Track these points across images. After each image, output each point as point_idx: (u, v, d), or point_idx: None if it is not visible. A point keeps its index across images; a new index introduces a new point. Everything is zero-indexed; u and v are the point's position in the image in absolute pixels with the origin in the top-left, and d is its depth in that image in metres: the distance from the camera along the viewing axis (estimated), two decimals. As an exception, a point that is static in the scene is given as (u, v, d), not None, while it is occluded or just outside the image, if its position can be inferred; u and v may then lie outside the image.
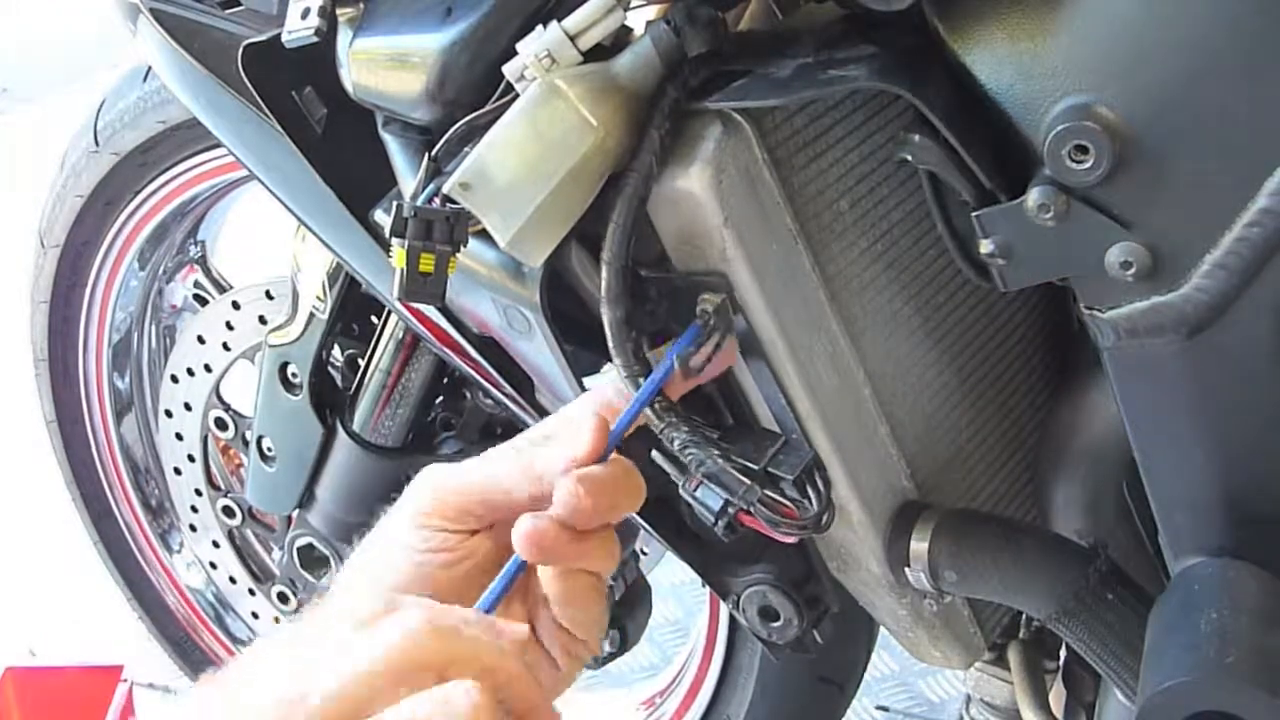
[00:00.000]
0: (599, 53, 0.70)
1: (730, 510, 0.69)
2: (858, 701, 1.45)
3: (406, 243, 0.70)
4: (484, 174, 0.69)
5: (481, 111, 0.71)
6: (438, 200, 0.71)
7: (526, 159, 0.68)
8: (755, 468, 0.69)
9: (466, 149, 0.70)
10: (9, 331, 1.72)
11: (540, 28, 0.69)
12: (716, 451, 0.69)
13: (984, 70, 0.65)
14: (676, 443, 0.69)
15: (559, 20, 0.69)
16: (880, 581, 0.84)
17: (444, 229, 0.71)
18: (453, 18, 0.72)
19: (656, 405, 0.71)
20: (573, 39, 0.68)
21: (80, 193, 1.38)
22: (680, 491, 0.72)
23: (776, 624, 0.86)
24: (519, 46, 0.69)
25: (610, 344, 0.71)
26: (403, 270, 0.70)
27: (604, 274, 0.70)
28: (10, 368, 1.80)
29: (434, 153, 0.72)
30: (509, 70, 0.69)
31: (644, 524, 0.87)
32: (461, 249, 0.72)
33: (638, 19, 0.72)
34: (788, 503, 0.69)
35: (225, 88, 0.95)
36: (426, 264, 0.70)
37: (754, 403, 0.79)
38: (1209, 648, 0.64)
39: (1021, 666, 1.01)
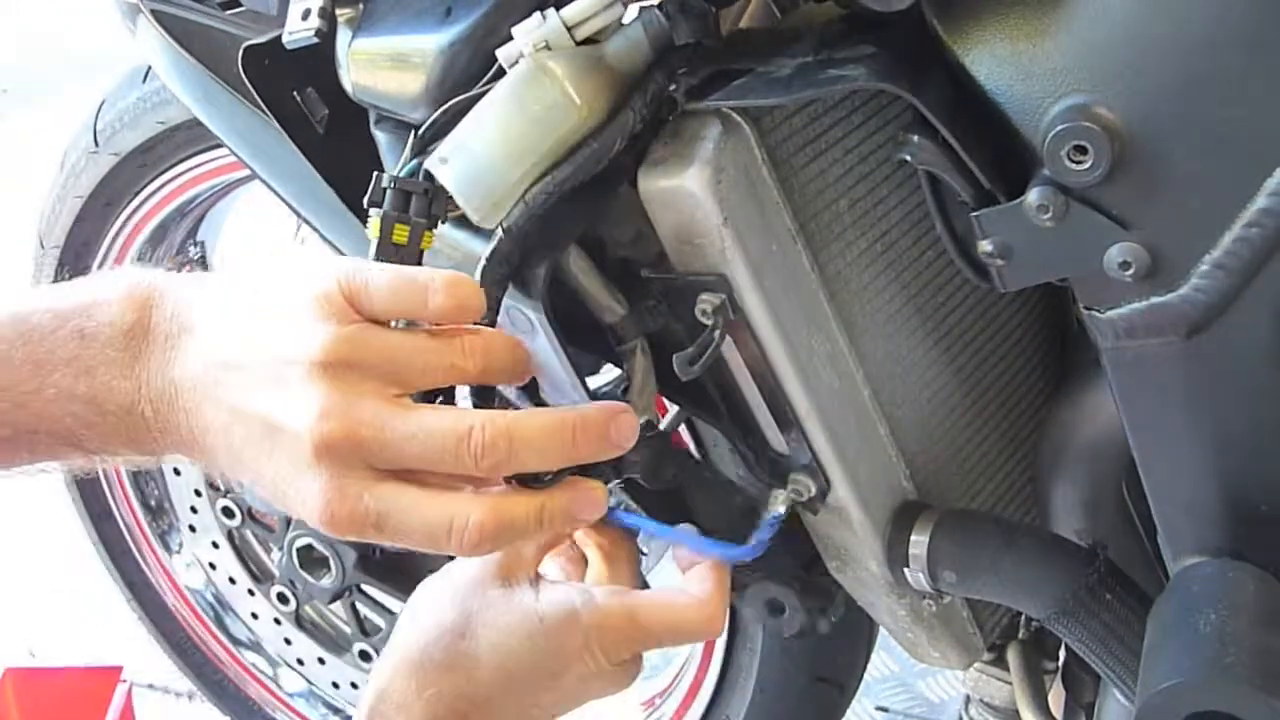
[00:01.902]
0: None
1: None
2: (858, 702, 1.45)
3: (382, 212, 0.70)
4: (464, 148, 0.68)
5: (471, 94, 0.70)
6: (421, 177, 0.71)
7: (508, 135, 0.68)
8: None
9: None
10: (9, 332, 1.72)
11: (539, 15, 0.68)
12: None
13: (983, 70, 0.65)
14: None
15: (558, 10, 0.68)
16: (879, 581, 0.84)
17: (421, 203, 0.70)
18: (452, 17, 0.72)
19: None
20: (570, 29, 0.68)
21: (80, 193, 1.38)
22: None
23: (783, 615, 0.87)
24: (515, 31, 0.69)
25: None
26: (376, 240, 0.70)
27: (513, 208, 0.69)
28: (10, 368, 1.79)
29: (421, 131, 0.72)
30: (503, 55, 0.69)
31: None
32: (439, 225, 0.71)
33: (635, 14, 0.72)
34: None
35: (226, 88, 0.95)
36: (400, 235, 0.70)
37: (752, 403, 0.79)
38: (1208, 648, 0.64)
39: (1021, 667, 1.01)
